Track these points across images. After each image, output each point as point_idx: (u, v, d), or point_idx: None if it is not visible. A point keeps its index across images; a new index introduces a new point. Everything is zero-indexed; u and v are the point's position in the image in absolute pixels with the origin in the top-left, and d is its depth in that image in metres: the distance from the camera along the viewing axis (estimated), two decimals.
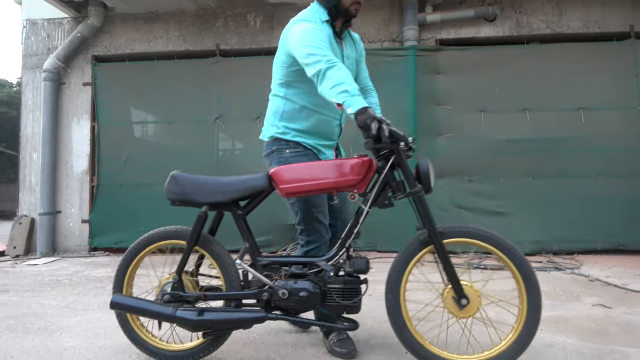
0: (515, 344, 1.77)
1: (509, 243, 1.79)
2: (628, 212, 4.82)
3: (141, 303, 1.93)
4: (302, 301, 1.85)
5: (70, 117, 5.64)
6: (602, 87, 4.96)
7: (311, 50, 1.90)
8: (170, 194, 1.99)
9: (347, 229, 1.92)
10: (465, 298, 1.80)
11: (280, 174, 1.90)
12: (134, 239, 6.14)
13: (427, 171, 1.86)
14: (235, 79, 5.36)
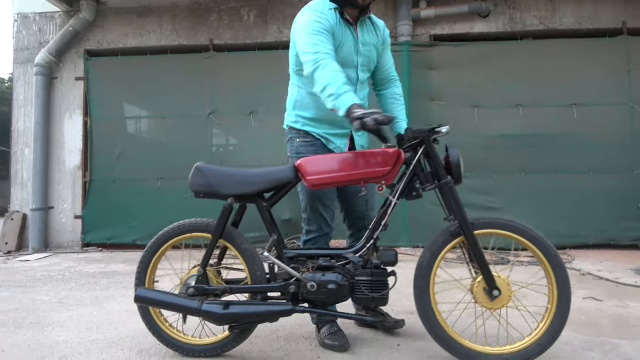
0: (547, 333, 1.79)
1: (539, 234, 1.81)
2: (619, 207, 4.86)
3: (166, 297, 1.92)
4: (331, 294, 1.84)
5: (62, 111, 5.59)
6: (595, 83, 4.98)
7: (305, 48, 1.94)
8: (195, 185, 1.96)
9: (375, 220, 1.92)
10: (497, 289, 1.80)
11: (306, 166, 1.89)
12: (127, 235, 6.15)
13: (458, 162, 1.86)
14: (228, 74, 5.34)
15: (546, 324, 1.80)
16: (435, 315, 1.84)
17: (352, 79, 2.10)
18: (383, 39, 2.22)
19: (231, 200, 1.95)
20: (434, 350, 2.04)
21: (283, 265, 1.89)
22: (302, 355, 2.02)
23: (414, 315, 2.60)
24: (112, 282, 3.62)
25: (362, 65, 2.13)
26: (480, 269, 1.82)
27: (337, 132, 2.17)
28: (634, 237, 4.83)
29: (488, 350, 1.82)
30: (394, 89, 2.29)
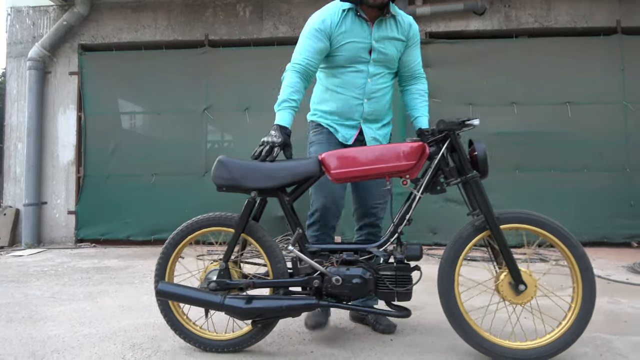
0: (573, 326, 1.80)
1: (565, 229, 1.82)
2: (612, 205, 4.90)
3: (188, 291, 1.90)
4: (356, 288, 1.84)
5: (56, 106, 5.56)
6: (589, 82, 5.01)
7: (294, 51, 2.12)
8: (218, 179, 1.94)
9: (400, 215, 1.92)
10: (523, 284, 1.81)
11: (331, 159, 1.88)
12: (120, 231, 6.13)
13: (485, 156, 1.86)
14: (224, 70, 5.33)
15: (571, 319, 1.81)
16: (460, 311, 1.84)
17: (362, 72, 2.14)
18: (408, 36, 2.20)
19: (254, 194, 1.93)
20: (426, 345, 2.05)
21: (308, 259, 1.87)
22: (295, 349, 2.02)
23: None
24: (106, 278, 3.61)
25: (375, 60, 2.14)
26: (506, 263, 1.82)
27: (345, 123, 2.20)
28: (627, 235, 4.86)
29: (516, 346, 1.82)
30: (419, 85, 2.29)
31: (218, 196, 5.12)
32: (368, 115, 2.19)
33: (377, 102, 2.19)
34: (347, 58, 2.12)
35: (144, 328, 2.34)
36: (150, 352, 2.01)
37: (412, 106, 2.27)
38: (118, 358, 1.94)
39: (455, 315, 1.83)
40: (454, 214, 4.86)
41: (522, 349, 1.81)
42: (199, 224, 2.00)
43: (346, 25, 2.09)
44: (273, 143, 1.93)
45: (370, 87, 2.16)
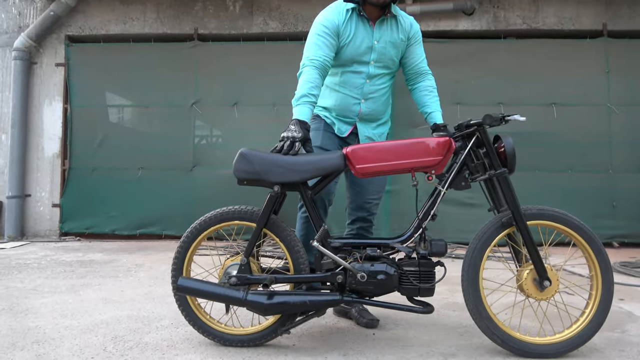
0: (594, 319, 1.85)
1: (589, 228, 1.86)
2: (596, 206, 4.97)
3: (209, 287, 1.87)
4: (380, 284, 1.83)
5: (41, 98, 5.49)
6: (575, 84, 5.08)
7: (305, 48, 2.13)
8: (240, 172, 1.89)
9: (424, 210, 1.92)
10: (548, 280, 1.84)
11: (357, 154, 1.87)
12: (106, 225, 6.07)
13: (514, 152, 1.86)
14: (213, 64, 5.30)
15: (591, 313, 1.86)
16: (485, 307, 1.85)
17: (362, 73, 2.18)
18: (408, 36, 2.23)
19: (278, 189, 1.90)
20: (408, 339, 2.08)
21: (332, 255, 1.85)
22: (277, 342, 2.02)
23: None
24: (90, 271, 3.58)
25: (375, 61, 2.17)
26: (532, 260, 1.85)
27: (343, 119, 2.24)
28: (609, 235, 4.94)
29: (540, 341, 1.86)
30: (426, 82, 2.30)
31: (205, 191, 5.14)
32: (364, 115, 2.23)
33: (374, 102, 2.23)
34: (350, 57, 2.16)
35: (127, 320, 2.33)
36: (132, 343, 2.00)
37: (423, 103, 2.29)
38: (99, 349, 1.93)
39: (480, 312, 1.84)
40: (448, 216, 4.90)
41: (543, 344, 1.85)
42: (219, 217, 1.97)
43: (351, 25, 2.13)
44: (294, 138, 1.90)
45: (368, 88, 2.19)
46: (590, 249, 1.87)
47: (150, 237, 5.27)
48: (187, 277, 1.95)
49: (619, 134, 5.03)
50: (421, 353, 1.91)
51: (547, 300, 1.89)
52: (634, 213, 4.96)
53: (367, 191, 2.27)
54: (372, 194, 2.28)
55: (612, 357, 1.87)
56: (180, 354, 1.89)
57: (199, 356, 1.86)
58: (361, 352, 1.92)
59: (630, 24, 5.17)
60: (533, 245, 1.85)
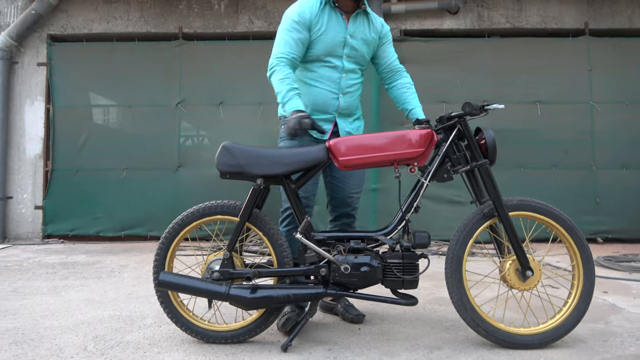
0: (577, 308, 1.86)
1: (569, 219, 1.88)
2: (579, 202, 5.03)
3: (191, 281, 1.84)
4: (364, 276, 1.82)
5: (23, 98, 5.39)
6: (558, 82, 5.13)
7: (274, 45, 2.09)
8: (223, 166, 1.88)
9: (408, 202, 1.92)
10: (530, 270, 1.85)
11: (339, 146, 1.86)
12: (90, 226, 5.98)
13: (494, 143, 1.88)
14: (198, 64, 5.26)
15: (574, 303, 1.87)
16: (469, 299, 1.85)
17: (337, 67, 2.16)
18: (380, 35, 2.25)
19: (261, 182, 1.89)
20: (393, 333, 2.07)
21: (316, 247, 1.84)
22: (262, 338, 2.00)
23: None
24: (72, 273, 3.52)
25: (348, 56, 2.17)
26: (514, 250, 1.86)
27: (320, 117, 2.18)
28: (593, 231, 5.00)
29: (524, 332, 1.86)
30: (403, 79, 2.31)
31: (191, 191, 5.10)
32: (343, 110, 2.21)
33: (351, 97, 2.22)
34: (324, 51, 2.13)
35: (109, 320, 2.29)
36: (113, 342, 1.96)
37: (403, 100, 2.28)
38: (79, 349, 1.89)
39: (461, 298, 1.85)
40: (434, 214, 4.92)
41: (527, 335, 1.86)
42: (201, 212, 1.95)
43: (324, 17, 2.11)
44: (303, 115, 1.86)
45: (345, 82, 2.18)
46: (571, 239, 1.89)
47: (135, 239, 5.20)
48: (169, 272, 1.92)
49: (602, 131, 5.10)
50: (406, 346, 1.90)
51: (530, 290, 1.89)
52: (617, 209, 5.02)
53: (348, 185, 2.25)
54: (353, 188, 2.27)
55: (595, 347, 1.88)
56: (163, 351, 1.86)
57: (181, 354, 1.83)
58: (346, 346, 1.91)
59: (611, 22, 5.24)
60: (515, 236, 1.86)
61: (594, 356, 1.78)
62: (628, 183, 5.05)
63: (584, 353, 1.81)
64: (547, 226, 1.91)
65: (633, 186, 5.05)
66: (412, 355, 1.81)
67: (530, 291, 1.92)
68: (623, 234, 5.00)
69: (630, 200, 5.03)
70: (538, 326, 1.89)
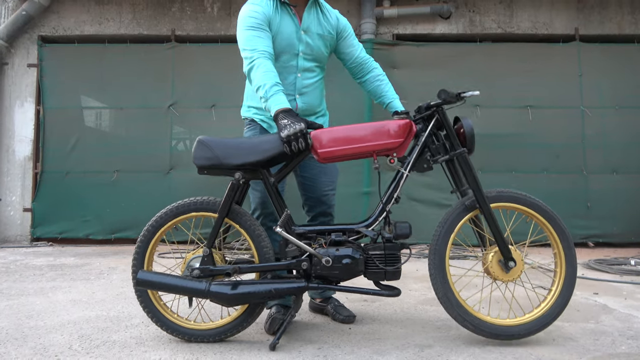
0: (560, 295, 1.86)
1: (548, 207, 1.88)
2: (570, 206, 5.05)
3: (170, 279, 1.80)
4: (346, 269, 1.80)
5: (12, 99, 5.34)
6: (549, 87, 5.17)
7: (242, 44, 1.99)
8: (200, 160, 1.85)
9: (388, 193, 1.90)
10: (513, 260, 1.84)
11: (319, 138, 1.83)
12: (80, 229, 5.92)
13: (473, 132, 1.87)
14: (190, 66, 5.25)
15: (557, 291, 1.87)
16: (454, 294, 1.84)
17: (291, 67, 2.09)
18: (336, 29, 2.18)
19: (239, 176, 1.87)
20: (384, 332, 2.05)
21: (296, 241, 1.82)
22: (251, 337, 1.97)
23: (367, 302, 2.62)
24: (60, 275, 3.47)
25: (304, 53, 2.10)
26: (497, 241, 1.85)
27: None
28: (584, 235, 5.02)
29: (510, 323, 1.85)
30: (374, 71, 2.25)
31: (182, 194, 5.06)
32: (301, 111, 2.13)
33: (309, 96, 2.14)
34: (279, 50, 2.05)
35: (95, 320, 2.25)
36: (99, 342, 1.93)
37: (379, 94, 2.24)
38: (64, 348, 1.85)
39: (445, 291, 1.84)
40: (423, 217, 4.92)
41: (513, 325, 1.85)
42: (180, 209, 1.91)
43: (277, 15, 2.04)
44: (301, 130, 1.78)
45: (300, 82, 2.11)
46: (551, 228, 1.88)
47: (125, 242, 5.15)
48: (148, 270, 1.89)
49: (592, 135, 5.14)
50: (397, 345, 1.88)
51: (514, 281, 1.88)
52: (608, 213, 5.05)
53: (321, 184, 2.21)
54: (326, 186, 2.23)
55: (587, 345, 1.87)
56: (149, 350, 1.82)
57: (168, 352, 1.80)
58: (337, 345, 1.88)
59: (600, 28, 5.31)
60: (496, 226, 1.85)
61: (585, 354, 1.77)
62: (618, 187, 5.09)
63: (575, 351, 1.80)
64: (528, 216, 1.91)
65: (623, 190, 5.08)
66: (402, 353, 1.79)
67: (514, 282, 1.91)
68: (614, 238, 5.02)
69: (621, 205, 5.06)
70: (524, 316, 1.88)
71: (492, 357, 1.73)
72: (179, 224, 1.95)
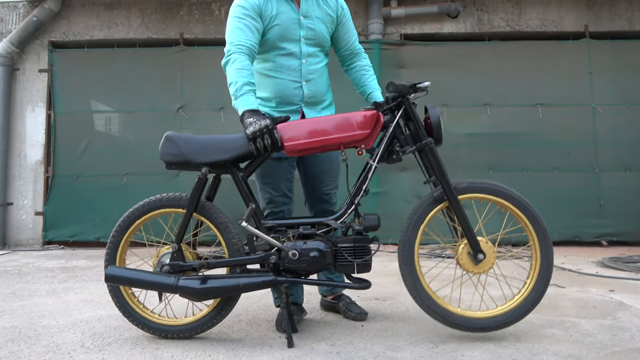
0: (534, 289, 1.82)
1: (522, 197, 1.84)
2: (583, 205, 4.99)
3: (139, 274, 1.81)
4: (313, 261, 1.79)
5: (24, 104, 5.40)
6: (559, 84, 5.13)
7: (226, 35, 1.97)
8: (166, 155, 1.86)
9: (356, 186, 1.89)
10: (482, 253, 1.81)
11: (284, 131, 1.82)
12: (90, 232, 5.95)
13: (439, 121, 1.85)
14: (199, 69, 5.27)
15: (531, 284, 1.83)
16: (422, 285, 1.82)
17: (295, 53, 2.07)
18: (336, 13, 2.16)
19: (206, 170, 1.86)
20: (396, 329, 2.03)
21: (263, 235, 1.81)
22: (263, 335, 1.96)
23: (379, 300, 2.60)
24: (72, 276, 3.49)
25: (306, 38, 2.08)
26: (465, 233, 1.83)
27: (285, 109, 2.10)
28: (597, 234, 4.95)
29: (481, 315, 1.83)
30: (362, 61, 2.25)
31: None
32: (308, 99, 2.10)
33: (315, 84, 2.11)
34: (278, 37, 2.02)
35: (107, 319, 2.25)
36: (112, 340, 1.93)
37: (362, 83, 2.23)
38: (77, 345, 1.85)
39: (413, 283, 1.82)
40: None
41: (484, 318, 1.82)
42: (148, 206, 1.92)
43: (271, 3, 2.02)
44: (266, 127, 1.76)
45: (306, 69, 2.08)
46: (526, 219, 1.84)
47: (135, 244, 5.16)
48: (117, 265, 1.90)
49: (604, 133, 5.08)
50: (410, 341, 1.86)
51: (486, 273, 1.85)
52: (621, 211, 4.98)
53: (323, 182, 2.19)
54: (328, 185, 2.21)
55: (605, 341, 1.84)
56: (161, 348, 1.82)
57: (180, 349, 1.79)
58: (349, 341, 1.87)
59: (610, 25, 5.25)
60: (465, 219, 1.82)
61: (603, 349, 1.74)
62: (631, 185, 5.02)
63: (593, 347, 1.77)
64: (501, 207, 1.87)
65: (636, 188, 5.01)
66: (416, 349, 1.76)
67: (485, 274, 1.88)
68: (627, 237, 4.95)
69: (634, 203, 4.99)
70: (496, 309, 1.85)
71: (507, 353, 1.70)
72: (150, 220, 1.95)
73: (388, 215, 4.95)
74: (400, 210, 4.85)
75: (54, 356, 1.74)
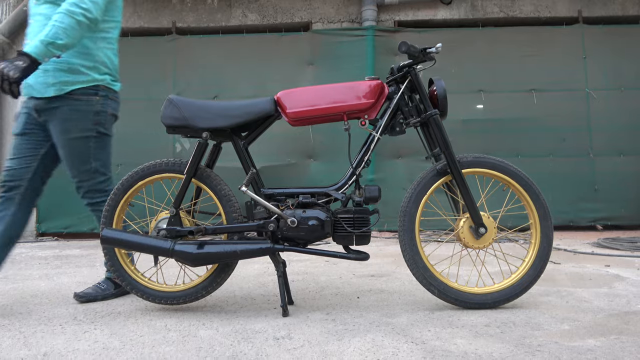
0: (533, 266, 1.81)
1: (526, 175, 1.83)
2: (577, 190, 5.00)
3: (136, 237, 1.78)
4: (312, 230, 1.77)
5: None
6: (553, 70, 5.12)
7: None
8: (168, 119, 1.83)
9: (359, 157, 1.87)
10: (483, 227, 1.80)
11: (288, 98, 1.81)
12: (84, 223, 5.87)
13: (445, 93, 1.83)
14: (192, 58, 5.24)
15: (530, 261, 1.82)
16: (421, 257, 1.80)
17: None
18: None
19: (206, 136, 1.84)
20: (392, 300, 2.01)
21: (262, 201, 1.79)
22: (258, 307, 1.94)
23: (374, 277, 2.58)
24: (65, 263, 3.45)
25: None
26: (467, 206, 1.81)
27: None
28: (592, 219, 4.96)
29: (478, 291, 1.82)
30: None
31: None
32: None
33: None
34: None
35: None
36: (104, 313, 1.90)
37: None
38: (69, 318, 1.83)
39: (413, 257, 1.81)
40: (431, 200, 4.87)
41: (481, 294, 1.81)
42: (147, 170, 1.91)
43: None
44: (9, 77, 1.77)
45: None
46: (528, 197, 1.83)
47: None
48: (113, 228, 1.87)
49: (598, 118, 5.08)
50: (407, 309, 1.85)
51: (485, 248, 1.84)
52: (615, 196, 4.99)
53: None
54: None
55: (601, 305, 1.83)
56: (155, 318, 1.80)
57: (174, 320, 1.77)
58: (345, 311, 1.85)
59: (604, 10, 5.26)
60: (467, 191, 1.81)
61: (599, 313, 1.73)
62: (625, 169, 5.02)
63: (589, 310, 1.76)
64: (504, 184, 1.86)
65: (630, 172, 5.02)
66: (413, 315, 1.75)
67: (485, 249, 1.87)
68: (622, 220, 4.96)
69: (628, 187, 5.00)
70: (493, 285, 1.83)
71: (504, 317, 1.69)
72: (150, 184, 1.94)
73: (384, 202, 4.95)
74: (396, 197, 4.84)
75: (45, 328, 1.71)
